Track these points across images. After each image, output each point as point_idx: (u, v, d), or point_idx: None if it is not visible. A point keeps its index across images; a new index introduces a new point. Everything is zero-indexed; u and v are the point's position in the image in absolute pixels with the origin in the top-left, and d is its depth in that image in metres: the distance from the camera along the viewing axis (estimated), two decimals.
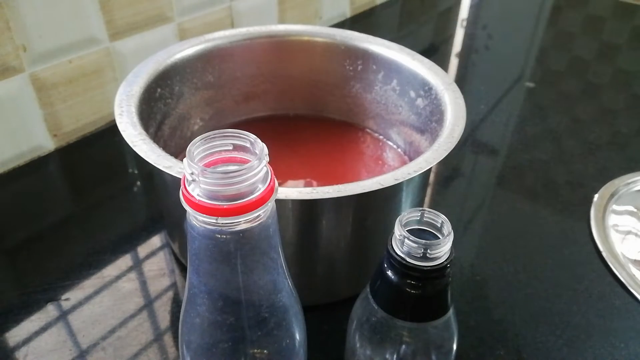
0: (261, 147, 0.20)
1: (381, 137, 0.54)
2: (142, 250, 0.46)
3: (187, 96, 0.49)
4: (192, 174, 0.19)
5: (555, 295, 0.43)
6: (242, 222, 0.20)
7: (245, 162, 0.20)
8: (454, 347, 0.28)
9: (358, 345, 0.29)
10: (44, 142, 0.57)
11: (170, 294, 0.42)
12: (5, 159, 0.54)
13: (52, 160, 0.57)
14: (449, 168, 0.59)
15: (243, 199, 0.19)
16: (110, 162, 0.58)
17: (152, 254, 0.46)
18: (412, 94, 0.48)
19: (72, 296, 0.41)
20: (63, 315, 0.40)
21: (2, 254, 0.46)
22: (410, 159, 0.48)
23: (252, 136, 0.20)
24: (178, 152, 0.48)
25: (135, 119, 0.38)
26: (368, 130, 0.55)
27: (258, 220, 0.20)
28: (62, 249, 0.46)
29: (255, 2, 0.75)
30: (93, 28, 0.57)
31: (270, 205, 0.20)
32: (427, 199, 0.54)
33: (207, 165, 0.20)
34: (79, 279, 0.43)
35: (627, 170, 0.57)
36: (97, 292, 0.42)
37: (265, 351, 0.25)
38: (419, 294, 0.25)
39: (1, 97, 0.51)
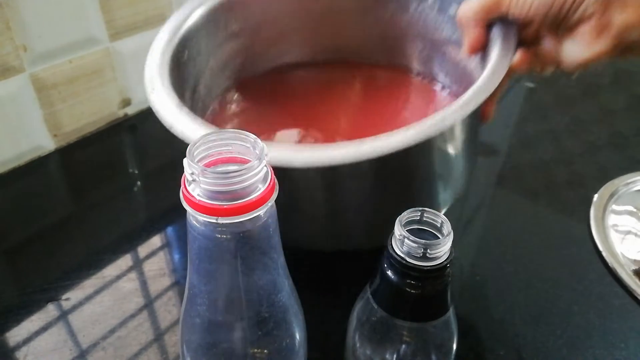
0: (261, 147, 0.20)
1: (425, 79, 0.50)
2: (142, 250, 0.46)
3: (215, 51, 0.47)
4: (192, 174, 0.19)
5: (555, 295, 0.43)
6: (242, 222, 0.20)
7: (245, 162, 0.20)
8: (454, 347, 0.28)
9: (358, 345, 0.29)
10: (44, 142, 0.57)
11: (170, 294, 0.42)
12: (6, 159, 0.54)
13: (52, 160, 0.57)
14: None
15: (243, 199, 0.19)
16: (111, 162, 0.58)
17: (152, 253, 0.46)
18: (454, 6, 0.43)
19: (72, 296, 0.42)
20: (63, 315, 0.40)
21: (3, 254, 0.46)
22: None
23: (252, 136, 0.20)
24: (217, 109, 0.47)
25: (170, 93, 0.36)
26: (411, 71, 0.51)
27: (258, 221, 0.20)
28: (62, 248, 0.46)
29: None
30: (93, 28, 0.57)
31: (270, 205, 0.20)
32: None
33: (208, 165, 0.20)
34: (79, 278, 0.43)
35: (627, 170, 0.57)
36: (97, 292, 0.42)
37: (265, 351, 0.25)
38: (419, 293, 0.25)
39: (1, 97, 0.52)
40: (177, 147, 0.57)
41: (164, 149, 0.61)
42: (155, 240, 0.47)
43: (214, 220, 0.19)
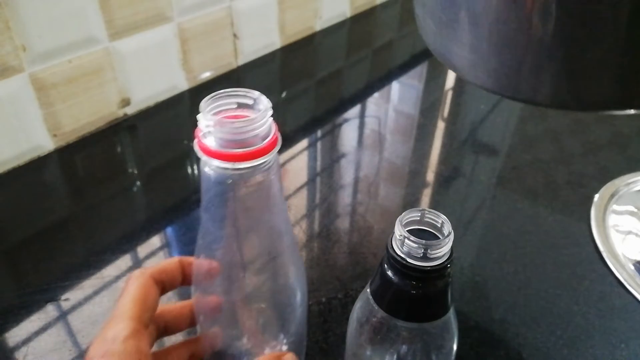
0: (265, 103, 0.23)
1: None
2: (142, 250, 0.46)
3: None
4: (207, 126, 0.21)
5: (555, 295, 0.43)
6: (254, 167, 0.22)
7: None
8: (454, 347, 0.28)
9: (358, 345, 0.29)
10: (44, 142, 0.57)
11: (169, 294, 0.42)
12: (5, 159, 0.54)
13: (51, 160, 0.57)
14: (450, 168, 0.59)
15: (254, 145, 0.22)
16: (110, 162, 0.58)
17: (152, 254, 0.46)
18: None
19: (71, 296, 0.41)
20: (63, 316, 0.40)
21: (2, 254, 0.46)
22: None
23: (256, 93, 0.23)
24: None
25: None
26: None
27: (266, 166, 0.23)
28: (61, 249, 0.46)
29: (254, 2, 0.75)
30: (93, 28, 0.57)
31: (275, 152, 0.23)
32: (427, 199, 0.54)
33: None
34: (79, 279, 0.43)
35: (628, 170, 0.57)
36: (96, 292, 0.42)
37: (274, 284, 0.28)
38: (419, 294, 0.25)
39: (1, 97, 0.51)
40: (176, 147, 0.57)
41: (163, 149, 0.61)
42: (155, 241, 0.47)
43: (231, 166, 0.22)
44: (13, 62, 0.51)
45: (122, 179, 0.56)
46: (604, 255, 0.46)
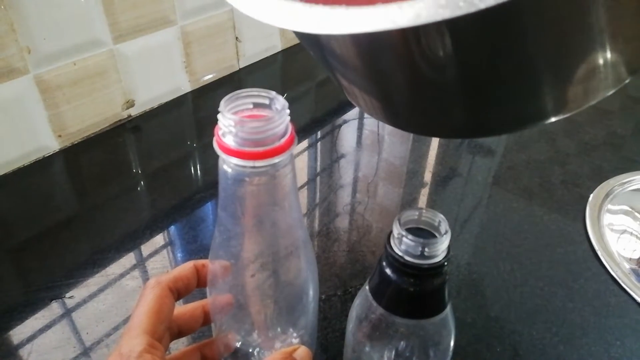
0: (282, 103, 0.23)
1: None
2: (146, 248, 0.47)
3: None
4: (228, 126, 0.22)
5: (551, 293, 0.43)
6: (271, 166, 0.23)
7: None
8: (451, 343, 0.29)
9: (357, 341, 0.29)
10: (49, 143, 0.58)
11: None
12: (11, 159, 0.55)
13: (56, 160, 0.58)
14: (447, 168, 0.59)
15: (272, 144, 0.22)
16: (114, 162, 0.59)
17: (156, 252, 0.46)
18: None
19: (76, 294, 0.42)
20: (67, 313, 0.41)
21: (8, 253, 0.46)
22: None
23: (273, 93, 0.24)
24: None
25: None
26: None
27: (283, 165, 0.24)
28: (66, 247, 0.47)
29: None
30: (97, 30, 0.57)
31: (292, 150, 0.23)
32: (424, 199, 0.55)
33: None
34: (83, 277, 0.44)
35: (622, 170, 0.57)
36: (101, 290, 0.43)
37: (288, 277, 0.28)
38: (417, 291, 0.26)
39: (6, 98, 0.52)
40: (179, 148, 0.57)
41: (167, 150, 0.61)
42: (159, 239, 0.48)
43: (250, 164, 0.22)
44: (18, 64, 0.52)
45: (126, 179, 0.56)
46: (599, 253, 0.47)
